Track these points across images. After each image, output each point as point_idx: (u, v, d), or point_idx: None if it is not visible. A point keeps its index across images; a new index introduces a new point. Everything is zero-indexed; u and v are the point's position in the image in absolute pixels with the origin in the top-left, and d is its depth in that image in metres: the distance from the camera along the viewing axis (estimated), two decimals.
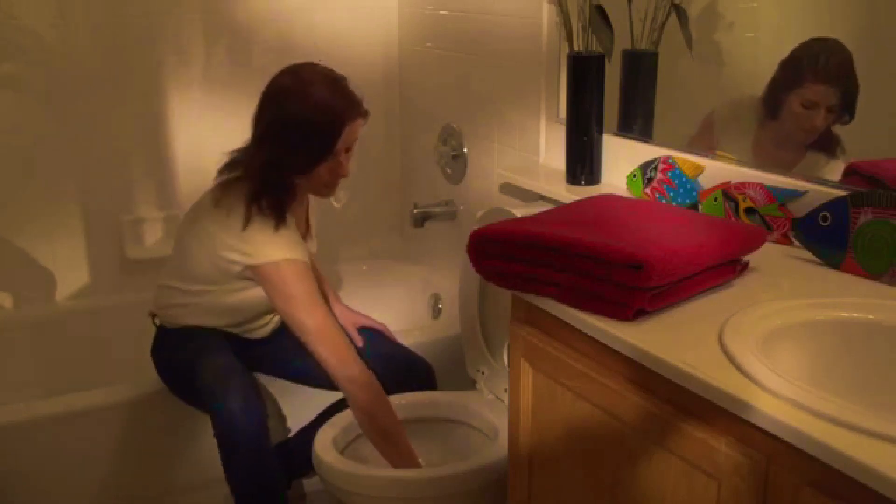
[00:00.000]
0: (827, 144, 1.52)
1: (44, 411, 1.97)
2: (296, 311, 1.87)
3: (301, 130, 1.85)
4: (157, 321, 2.08)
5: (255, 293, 1.94)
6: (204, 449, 2.03)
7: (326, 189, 1.97)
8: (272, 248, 1.86)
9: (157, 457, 2.09)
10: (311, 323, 1.87)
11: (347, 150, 1.91)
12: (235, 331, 2.05)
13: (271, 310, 2.03)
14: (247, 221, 1.86)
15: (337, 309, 2.20)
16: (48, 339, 2.47)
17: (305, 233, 2.06)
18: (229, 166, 1.96)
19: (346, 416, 1.97)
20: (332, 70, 1.91)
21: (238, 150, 1.96)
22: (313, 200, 2.10)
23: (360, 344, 2.08)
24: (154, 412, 2.06)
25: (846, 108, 1.49)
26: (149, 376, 2.06)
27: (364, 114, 1.91)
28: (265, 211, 1.87)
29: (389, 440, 1.88)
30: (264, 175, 1.87)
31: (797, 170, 1.55)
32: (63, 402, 2.00)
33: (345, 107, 1.87)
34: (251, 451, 1.84)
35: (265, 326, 2.09)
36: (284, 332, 2.03)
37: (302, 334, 1.88)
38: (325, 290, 2.22)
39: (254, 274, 1.89)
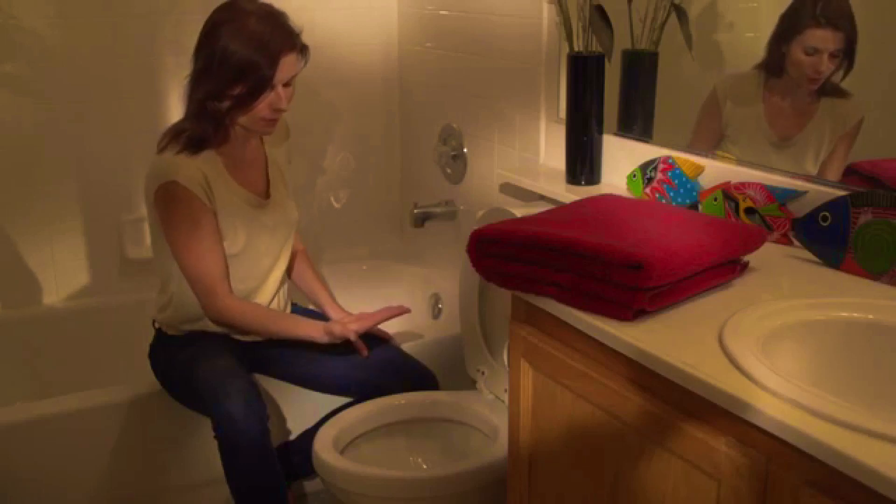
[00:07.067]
0: (836, 92, 1.52)
1: (42, 412, 1.97)
2: (172, 240, 1.89)
3: (238, 64, 1.84)
4: (157, 325, 2.09)
5: None
6: (203, 449, 2.03)
7: (266, 125, 1.95)
8: (164, 170, 1.87)
9: (156, 457, 2.08)
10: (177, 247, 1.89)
11: (286, 84, 1.90)
12: (236, 336, 2.05)
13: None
14: (162, 149, 1.90)
15: (336, 313, 2.19)
16: (47, 340, 2.47)
17: (264, 192, 2.04)
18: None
19: (346, 417, 1.97)
20: (269, 4, 1.91)
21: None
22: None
23: (364, 354, 2.04)
24: (153, 412, 2.05)
25: (847, 54, 1.49)
26: (147, 377, 2.06)
27: (301, 48, 1.90)
28: (181, 142, 1.89)
29: (267, 331, 1.97)
30: (200, 110, 1.88)
31: (816, 120, 1.55)
32: (62, 403, 2.00)
33: (281, 39, 1.86)
34: (253, 452, 1.84)
35: None
36: None
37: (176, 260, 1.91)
38: (320, 291, 2.21)
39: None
